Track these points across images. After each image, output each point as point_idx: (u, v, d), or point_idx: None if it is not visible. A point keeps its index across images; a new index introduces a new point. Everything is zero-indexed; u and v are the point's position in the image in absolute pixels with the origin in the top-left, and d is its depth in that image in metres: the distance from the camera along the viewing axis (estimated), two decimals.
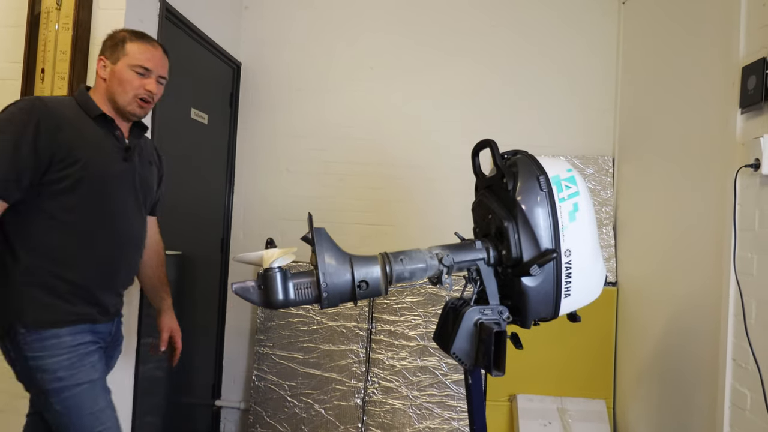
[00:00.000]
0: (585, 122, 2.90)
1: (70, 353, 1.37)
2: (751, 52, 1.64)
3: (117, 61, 1.49)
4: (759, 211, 1.58)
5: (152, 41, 1.55)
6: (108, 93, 1.50)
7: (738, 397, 1.64)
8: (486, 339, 1.20)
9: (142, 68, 1.49)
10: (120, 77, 1.48)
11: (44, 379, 1.35)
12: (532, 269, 1.20)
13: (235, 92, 3.05)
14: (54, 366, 1.35)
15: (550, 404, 2.58)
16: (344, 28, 3.04)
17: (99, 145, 1.45)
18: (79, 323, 1.41)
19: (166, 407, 2.55)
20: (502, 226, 1.24)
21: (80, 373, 1.38)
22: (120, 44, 1.50)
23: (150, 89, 1.51)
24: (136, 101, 1.50)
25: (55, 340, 1.36)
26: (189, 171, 2.64)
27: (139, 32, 1.55)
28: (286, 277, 1.19)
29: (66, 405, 1.37)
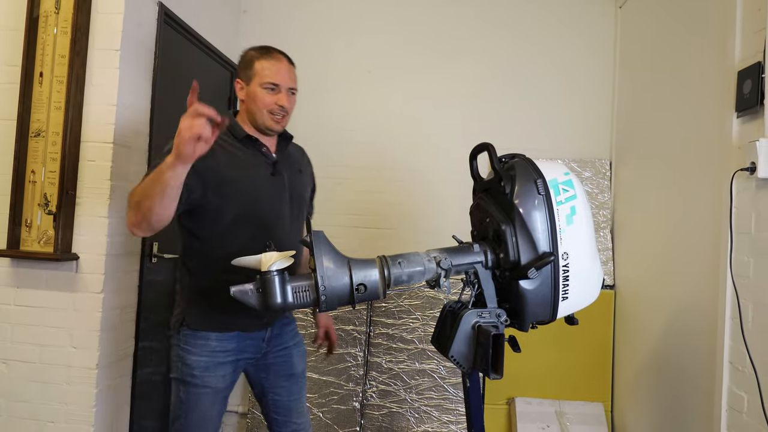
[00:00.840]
0: (583, 126, 2.91)
1: (209, 357, 1.56)
2: (747, 57, 1.65)
3: (250, 82, 1.58)
4: (755, 214, 1.59)
5: (276, 55, 1.60)
6: (248, 113, 1.61)
7: (735, 399, 1.64)
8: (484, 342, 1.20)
9: (272, 84, 1.56)
10: (254, 96, 1.57)
11: (182, 371, 1.57)
12: (530, 272, 1.20)
13: (233, 96, 3.06)
14: (194, 363, 1.56)
15: (548, 407, 2.58)
16: (343, 30, 3.05)
17: (248, 164, 1.57)
18: (227, 331, 1.57)
19: (165, 411, 2.54)
20: (499, 230, 1.24)
21: (210, 378, 1.56)
22: (249, 65, 1.58)
23: (281, 104, 1.58)
24: (271, 117, 1.58)
25: (203, 341, 1.56)
26: None
27: (264, 48, 1.61)
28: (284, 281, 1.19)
29: (187, 398, 1.58)
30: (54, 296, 2.00)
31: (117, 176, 2.05)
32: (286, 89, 1.58)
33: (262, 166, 1.59)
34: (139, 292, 2.22)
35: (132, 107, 2.12)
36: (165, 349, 2.51)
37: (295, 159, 1.72)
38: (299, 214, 1.68)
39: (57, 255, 1.95)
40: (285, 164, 1.65)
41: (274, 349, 1.68)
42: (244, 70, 1.60)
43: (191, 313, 1.58)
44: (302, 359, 1.76)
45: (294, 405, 1.72)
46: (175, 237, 2.51)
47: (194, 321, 1.57)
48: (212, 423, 1.60)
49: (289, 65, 1.61)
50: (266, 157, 1.61)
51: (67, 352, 1.99)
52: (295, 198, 1.66)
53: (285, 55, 1.62)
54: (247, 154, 1.58)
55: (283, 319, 1.71)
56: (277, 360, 1.69)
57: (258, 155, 1.60)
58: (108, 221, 2.00)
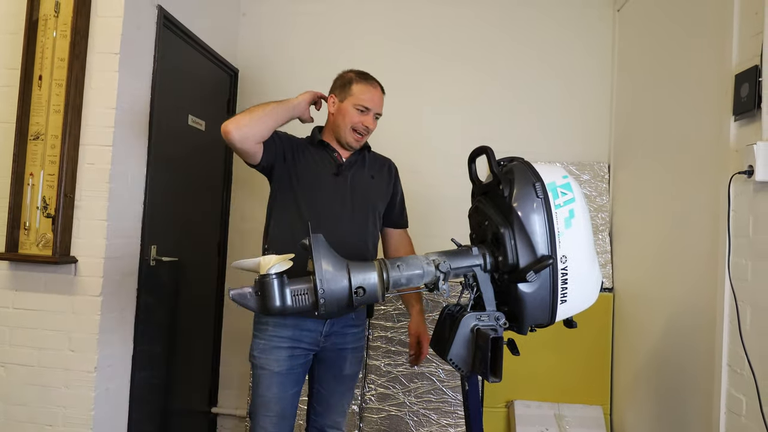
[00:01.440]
0: (581, 129, 2.91)
1: (266, 340, 1.72)
2: (744, 60, 1.66)
3: (344, 100, 1.79)
4: (753, 218, 1.59)
5: (374, 82, 1.82)
6: (333, 125, 1.82)
7: (733, 402, 1.64)
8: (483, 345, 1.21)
9: (364, 107, 1.77)
10: (345, 113, 1.78)
11: (251, 352, 1.76)
12: (529, 275, 1.20)
13: (233, 99, 3.06)
14: (255, 345, 1.75)
15: (547, 410, 2.58)
16: (343, 33, 3.05)
17: (314, 161, 1.79)
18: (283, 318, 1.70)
19: (163, 414, 2.54)
20: (498, 233, 1.25)
21: (265, 360, 1.71)
22: (347, 85, 1.79)
23: (367, 125, 1.79)
24: (353, 134, 1.78)
25: (263, 326, 1.74)
26: (186, 177, 2.65)
27: (363, 74, 1.83)
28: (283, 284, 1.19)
29: (254, 378, 1.76)
30: (52, 299, 1.99)
31: (116, 179, 2.05)
32: (374, 113, 1.80)
33: (327, 166, 1.79)
34: (138, 296, 2.22)
35: (131, 110, 2.13)
36: (164, 352, 2.51)
37: (370, 166, 1.87)
38: (363, 217, 1.79)
39: (55, 258, 1.95)
40: (354, 169, 1.82)
41: (331, 346, 1.77)
42: (340, 88, 1.80)
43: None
44: (356, 365, 1.84)
45: (334, 403, 1.82)
46: (176, 240, 2.53)
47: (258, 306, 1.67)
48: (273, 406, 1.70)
49: (382, 94, 1.83)
50: (335, 160, 1.81)
51: (65, 355, 1.99)
52: (358, 200, 1.79)
53: (379, 83, 1.84)
54: (318, 155, 1.81)
55: (347, 319, 1.79)
56: (332, 357, 1.79)
57: (327, 158, 1.81)
58: (107, 224, 2.00)
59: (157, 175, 2.32)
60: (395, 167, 1.98)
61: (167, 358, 2.55)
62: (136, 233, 2.21)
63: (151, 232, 2.28)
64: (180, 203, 2.58)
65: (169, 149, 2.44)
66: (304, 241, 1.24)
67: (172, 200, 2.51)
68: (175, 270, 2.55)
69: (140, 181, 2.22)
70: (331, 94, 1.83)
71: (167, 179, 2.44)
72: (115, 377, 2.11)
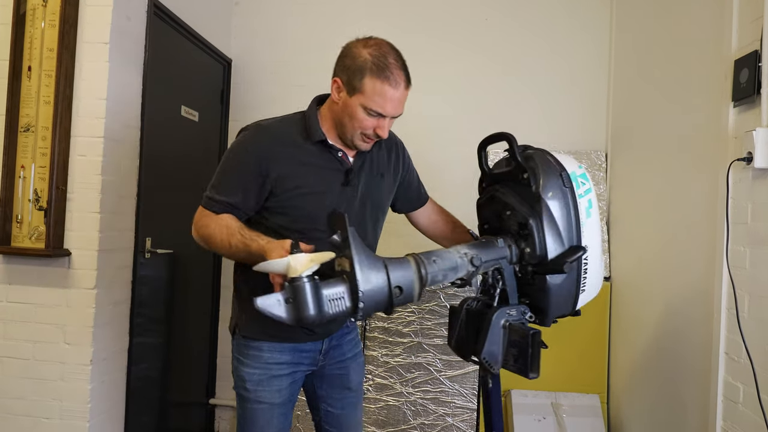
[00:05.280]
0: (578, 117, 2.89)
1: (262, 370, 1.43)
2: (744, 45, 1.64)
3: (352, 94, 1.32)
4: (752, 205, 1.58)
5: (396, 78, 1.31)
6: (336, 121, 1.39)
7: (731, 390, 1.64)
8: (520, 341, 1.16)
9: (377, 114, 1.32)
10: (352, 113, 1.33)
11: (237, 383, 1.47)
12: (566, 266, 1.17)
13: (226, 89, 3.03)
14: (247, 376, 1.44)
15: (544, 399, 2.58)
16: (339, 20, 3.01)
17: (316, 172, 1.38)
18: (280, 341, 1.44)
19: (160, 406, 2.54)
20: (526, 223, 1.20)
21: (264, 392, 1.43)
22: (359, 74, 1.30)
23: (380, 134, 1.36)
24: (362, 138, 1.37)
25: (255, 352, 1.44)
26: (180, 169, 2.62)
27: (383, 62, 1.30)
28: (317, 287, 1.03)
29: (243, 414, 1.46)
30: (46, 292, 1.98)
31: (108, 171, 2.02)
32: (391, 117, 1.36)
33: (333, 174, 1.40)
34: (133, 288, 2.20)
35: (122, 101, 2.10)
36: (160, 344, 2.51)
37: (379, 162, 1.51)
38: (372, 225, 1.51)
39: (49, 251, 1.93)
40: (362, 171, 1.46)
41: (331, 361, 1.55)
42: (350, 75, 1.31)
43: (243, 320, 1.45)
44: (359, 372, 1.63)
45: (346, 418, 1.59)
46: (171, 232, 2.52)
47: (246, 329, 1.44)
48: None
49: (405, 90, 1.35)
50: (341, 164, 1.41)
51: (60, 348, 1.98)
52: (369, 208, 1.48)
53: (405, 73, 1.34)
54: (320, 160, 1.39)
55: (343, 328, 1.56)
56: (334, 372, 1.56)
57: (332, 161, 1.41)
58: (100, 216, 1.98)
59: (151, 166, 2.29)
60: (401, 144, 1.64)
61: (164, 351, 2.54)
62: (130, 225, 2.19)
63: (145, 225, 2.26)
64: (174, 195, 2.56)
65: (162, 140, 2.41)
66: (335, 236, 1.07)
67: (167, 192, 2.49)
68: (171, 262, 2.54)
69: (133, 172, 2.19)
70: (336, 78, 1.36)
71: (161, 170, 2.41)
72: (111, 370, 2.10)
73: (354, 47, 1.35)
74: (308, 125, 1.41)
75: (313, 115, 1.42)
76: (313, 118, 1.42)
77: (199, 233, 1.36)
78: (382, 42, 1.36)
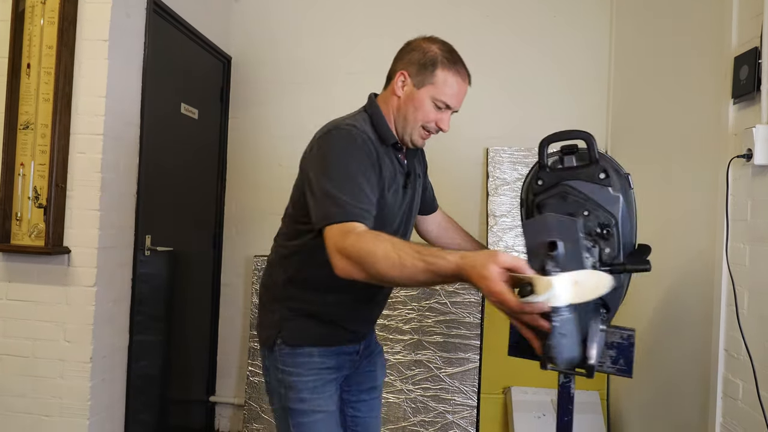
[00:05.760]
0: (578, 114, 2.88)
1: (316, 376, 1.34)
2: (744, 42, 1.63)
3: (421, 86, 1.31)
4: (751, 201, 1.58)
5: (464, 72, 1.35)
6: (396, 114, 1.35)
7: (730, 387, 1.64)
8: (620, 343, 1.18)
9: (445, 105, 1.32)
10: (419, 105, 1.31)
11: (287, 396, 1.34)
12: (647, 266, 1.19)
13: (226, 86, 3.02)
14: (300, 384, 1.33)
15: (543, 396, 2.59)
16: (338, 17, 3.00)
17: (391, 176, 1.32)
18: (329, 345, 1.36)
19: (160, 404, 2.54)
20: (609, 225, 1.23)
21: (320, 399, 1.34)
22: (430, 67, 1.30)
23: (442, 127, 1.34)
24: (420, 133, 1.34)
25: (306, 359, 1.34)
26: (179, 166, 2.62)
27: (453, 56, 1.33)
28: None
29: (300, 429, 1.34)
30: (46, 290, 1.98)
31: (108, 168, 2.02)
32: (452, 112, 1.36)
33: (397, 177, 1.36)
34: (133, 285, 2.20)
35: (122, 98, 2.10)
36: (160, 342, 2.51)
37: (417, 163, 1.49)
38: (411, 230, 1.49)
39: (48, 249, 1.93)
40: (414, 174, 1.43)
41: (363, 361, 1.50)
42: (419, 68, 1.31)
43: (288, 329, 1.35)
44: (384, 369, 1.59)
45: (371, 421, 1.55)
46: (171, 230, 2.52)
47: (293, 337, 1.34)
48: None
49: (468, 86, 1.38)
50: (401, 166, 1.38)
51: (60, 346, 1.98)
52: (413, 210, 1.46)
53: (468, 71, 1.38)
54: (391, 161, 1.33)
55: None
56: (363, 372, 1.51)
57: (395, 163, 1.36)
58: (99, 214, 1.98)
59: (150, 164, 2.29)
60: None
61: (164, 348, 2.54)
62: (130, 223, 2.19)
63: (145, 222, 2.26)
64: (174, 192, 2.56)
65: (162, 137, 2.41)
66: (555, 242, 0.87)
67: (166, 190, 2.49)
68: (171, 260, 2.54)
69: (133, 170, 2.19)
70: (402, 71, 1.33)
71: (160, 168, 2.41)
72: (111, 367, 2.10)
73: (422, 42, 1.35)
74: (378, 126, 1.34)
75: (382, 118, 1.35)
76: (382, 119, 1.34)
77: (350, 255, 1.06)
78: (444, 41, 1.38)
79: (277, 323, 1.36)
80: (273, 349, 1.35)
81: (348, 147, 1.23)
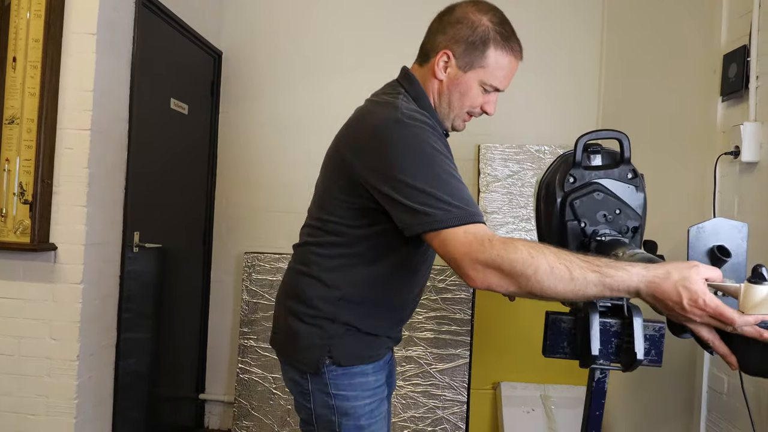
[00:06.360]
0: (569, 112, 2.90)
1: (372, 397, 1.18)
2: (733, 40, 1.65)
3: (469, 69, 1.13)
4: (738, 198, 1.60)
5: (518, 45, 1.18)
6: (439, 98, 1.18)
7: (715, 381, 1.67)
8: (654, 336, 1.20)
9: (495, 88, 1.17)
10: (466, 90, 1.15)
11: (345, 423, 1.16)
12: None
13: (216, 82, 3.00)
14: (358, 410, 1.16)
15: (533, 391, 2.61)
16: (330, 12, 2.98)
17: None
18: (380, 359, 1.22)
19: (149, 402, 2.52)
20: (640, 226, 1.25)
21: (378, 423, 1.19)
22: (481, 46, 1.12)
23: (488, 111, 1.19)
24: (463, 118, 1.20)
25: (361, 379, 1.17)
26: (169, 162, 2.60)
27: (508, 31, 1.15)
28: None
29: None
30: (32, 287, 1.95)
31: (95, 164, 2.00)
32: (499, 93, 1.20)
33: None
34: (121, 283, 2.18)
35: (110, 93, 2.07)
36: (149, 339, 2.49)
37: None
38: None
39: (34, 245, 1.90)
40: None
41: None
42: (468, 47, 1.12)
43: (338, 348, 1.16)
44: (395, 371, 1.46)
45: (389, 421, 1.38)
46: (160, 226, 2.49)
47: (346, 357, 1.16)
48: None
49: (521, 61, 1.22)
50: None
51: (46, 343, 1.95)
52: None
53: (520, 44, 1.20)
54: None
55: None
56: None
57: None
58: (86, 210, 1.96)
59: (139, 159, 2.27)
60: None
61: (153, 346, 2.52)
62: (118, 219, 2.17)
63: (133, 219, 2.24)
64: (163, 189, 2.54)
65: (151, 133, 2.38)
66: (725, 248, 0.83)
67: (155, 186, 2.46)
68: (160, 256, 2.52)
69: (121, 166, 2.17)
70: (445, 48, 1.14)
71: (149, 164, 2.39)
72: (99, 365, 2.08)
73: (470, 13, 1.14)
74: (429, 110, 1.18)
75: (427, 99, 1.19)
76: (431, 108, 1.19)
77: (501, 267, 0.92)
78: (494, 6, 1.18)
79: (324, 342, 1.16)
80: (320, 372, 1.16)
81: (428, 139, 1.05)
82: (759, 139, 1.51)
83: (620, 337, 1.23)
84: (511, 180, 2.79)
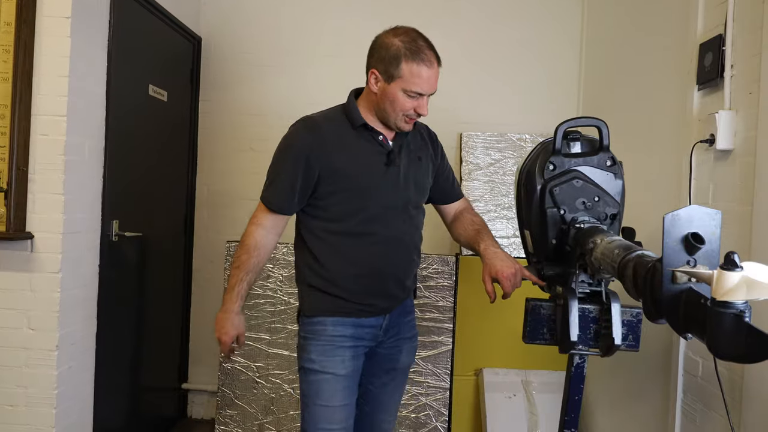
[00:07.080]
0: (549, 100, 2.92)
1: (326, 342, 1.51)
2: (709, 29, 1.67)
3: (390, 81, 1.43)
4: (713, 185, 1.63)
5: (428, 57, 1.43)
6: (376, 107, 1.50)
7: (690, 364, 1.71)
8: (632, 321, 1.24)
9: (417, 94, 1.44)
10: (392, 99, 1.44)
11: (302, 358, 1.54)
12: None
13: (196, 68, 2.95)
14: (311, 348, 1.52)
15: (514, 377, 2.64)
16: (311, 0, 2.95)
17: (360, 155, 1.50)
18: (342, 316, 1.52)
19: (131, 391, 2.51)
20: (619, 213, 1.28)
21: (328, 362, 1.50)
22: (395, 62, 1.42)
23: (421, 112, 1.47)
24: (405, 119, 1.48)
25: (319, 327, 1.52)
26: (149, 149, 2.56)
27: (415, 46, 1.42)
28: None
29: (307, 387, 1.53)
30: (8, 277, 1.92)
31: (72, 151, 1.96)
32: (428, 95, 1.47)
33: (375, 156, 1.51)
34: (100, 271, 2.15)
35: (86, 78, 2.02)
36: (130, 328, 2.46)
37: (415, 144, 1.60)
38: (416, 211, 1.59)
39: (10, 234, 1.87)
40: (402, 152, 1.54)
41: (388, 339, 1.61)
42: (386, 65, 1.42)
43: (307, 302, 1.56)
44: (411, 355, 1.70)
45: (384, 399, 1.67)
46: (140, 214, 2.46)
47: (310, 309, 1.55)
48: (337, 414, 1.51)
49: (438, 68, 1.46)
50: (381, 147, 1.52)
51: (24, 333, 1.92)
52: (413, 189, 1.56)
53: (435, 53, 1.46)
54: (361, 143, 1.51)
55: (403, 307, 1.63)
56: (385, 351, 1.61)
57: (373, 144, 1.52)
58: (64, 198, 1.92)
59: (118, 146, 2.23)
60: (435, 135, 1.70)
61: (134, 335, 2.50)
62: (96, 207, 2.13)
63: (112, 207, 2.20)
64: (143, 177, 2.50)
65: (130, 120, 2.34)
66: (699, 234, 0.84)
67: (135, 174, 2.43)
68: (140, 245, 2.49)
69: (99, 153, 2.13)
70: (372, 69, 1.46)
71: (128, 151, 2.35)
72: (79, 355, 2.06)
73: (385, 38, 1.46)
74: (348, 113, 1.52)
75: (352, 105, 1.53)
76: (353, 106, 1.53)
77: (244, 233, 1.55)
78: (408, 29, 1.47)
79: (300, 300, 1.60)
80: (299, 321, 1.59)
81: (285, 142, 1.56)
82: (734, 127, 1.54)
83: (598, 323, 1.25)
84: (493, 168, 2.81)
